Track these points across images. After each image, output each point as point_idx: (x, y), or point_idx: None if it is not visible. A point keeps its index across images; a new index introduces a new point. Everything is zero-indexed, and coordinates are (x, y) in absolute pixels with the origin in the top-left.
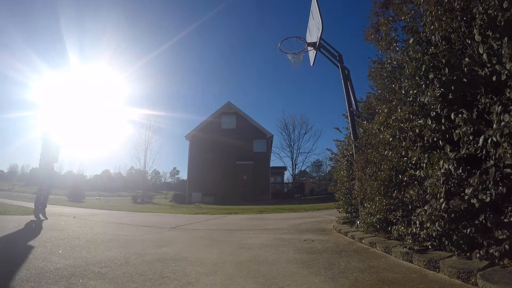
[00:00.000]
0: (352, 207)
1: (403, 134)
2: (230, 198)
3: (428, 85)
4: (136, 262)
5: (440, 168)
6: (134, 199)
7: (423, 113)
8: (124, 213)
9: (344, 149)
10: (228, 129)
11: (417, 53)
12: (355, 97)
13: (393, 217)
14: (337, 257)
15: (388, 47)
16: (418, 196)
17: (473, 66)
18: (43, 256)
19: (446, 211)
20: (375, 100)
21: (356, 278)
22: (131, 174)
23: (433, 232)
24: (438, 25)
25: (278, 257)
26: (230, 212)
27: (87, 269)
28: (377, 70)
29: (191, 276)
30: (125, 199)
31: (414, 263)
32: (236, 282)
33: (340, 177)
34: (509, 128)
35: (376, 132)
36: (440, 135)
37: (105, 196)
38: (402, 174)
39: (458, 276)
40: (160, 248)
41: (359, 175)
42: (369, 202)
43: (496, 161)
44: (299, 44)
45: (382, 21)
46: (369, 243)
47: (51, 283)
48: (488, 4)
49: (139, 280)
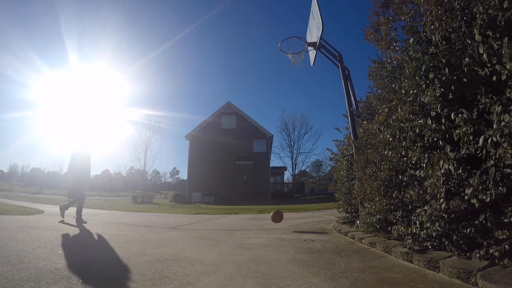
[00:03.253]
0: (352, 207)
1: (403, 134)
2: (230, 198)
3: (428, 85)
4: (136, 262)
5: (440, 168)
6: (134, 199)
7: (423, 113)
8: (124, 213)
9: (344, 149)
10: (228, 129)
11: (417, 53)
12: (355, 97)
13: (393, 217)
14: (337, 257)
15: (388, 46)
16: (418, 196)
17: (473, 66)
18: (43, 256)
19: (446, 211)
20: (375, 100)
21: (356, 278)
22: (131, 174)
23: (433, 232)
24: (438, 25)
25: (278, 257)
26: (230, 212)
27: (87, 269)
28: (377, 70)
29: (191, 276)
30: (125, 199)
31: (414, 263)
32: (236, 282)
33: (340, 177)
34: (509, 128)
35: (376, 132)
36: (440, 135)
37: (105, 196)
38: (402, 174)
39: (458, 276)
40: (160, 248)
41: (359, 175)
42: (369, 202)
43: (496, 161)
44: (299, 44)
45: (382, 21)
46: (369, 243)
47: (51, 283)
48: (488, 4)
49: (139, 280)
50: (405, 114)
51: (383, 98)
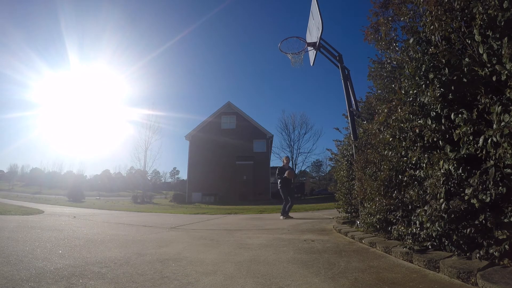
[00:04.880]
0: (352, 207)
1: (403, 134)
2: (230, 198)
3: (428, 85)
4: (136, 262)
5: (440, 168)
6: (134, 199)
7: (423, 113)
8: (124, 213)
9: (344, 149)
10: (228, 129)
11: (417, 53)
12: (355, 97)
13: (393, 217)
14: (337, 257)
15: (387, 47)
16: (418, 196)
17: (473, 66)
18: (43, 256)
19: (446, 211)
20: (375, 100)
21: (356, 278)
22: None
23: (433, 232)
24: (438, 25)
25: (278, 257)
26: (230, 212)
27: (87, 269)
28: (377, 70)
29: (191, 276)
30: (125, 199)
31: (414, 263)
32: (236, 282)
33: (340, 177)
34: (509, 128)
35: (376, 132)
36: (440, 135)
37: (105, 196)
38: (402, 174)
39: (458, 276)
40: (160, 248)
41: (359, 175)
42: (369, 202)
43: (496, 161)
44: (299, 44)
45: (381, 21)
46: (369, 243)
47: (51, 283)
48: (488, 4)
49: (139, 280)
50: (405, 114)
51: (383, 98)
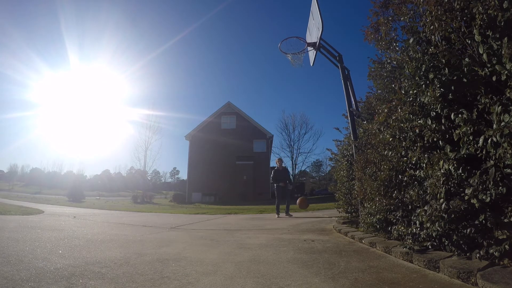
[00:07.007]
0: (352, 207)
1: (403, 134)
2: (230, 198)
3: (428, 85)
4: (136, 262)
5: (440, 168)
6: (134, 199)
7: (423, 113)
8: (124, 213)
9: (344, 149)
10: (228, 129)
11: (417, 53)
12: (355, 97)
13: (393, 217)
14: (337, 257)
15: (387, 47)
16: (418, 196)
17: (473, 66)
18: (43, 256)
19: (446, 211)
20: (375, 100)
21: (356, 278)
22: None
23: (433, 232)
24: (438, 25)
25: (278, 257)
26: (230, 212)
27: (87, 269)
28: (377, 70)
29: (191, 276)
30: (125, 199)
31: (414, 263)
32: (236, 282)
33: (340, 177)
34: (509, 128)
35: (376, 132)
36: (440, 135)
37: (105, 196)
38: (402, 174)
39: (458, 276)
40: (160, 248)
41: (359, 175)
42: (369, 202)
43: (496, 161)
44: (299, 44)
45: (381, 21)
46: (369, 243)
47: (51, 283)
48: (488, 4)
49: (139, 280)
50: (405, 114)
51: (383, 98)
